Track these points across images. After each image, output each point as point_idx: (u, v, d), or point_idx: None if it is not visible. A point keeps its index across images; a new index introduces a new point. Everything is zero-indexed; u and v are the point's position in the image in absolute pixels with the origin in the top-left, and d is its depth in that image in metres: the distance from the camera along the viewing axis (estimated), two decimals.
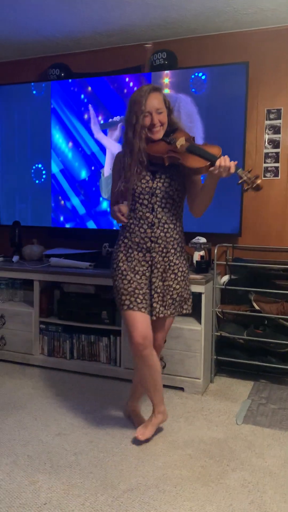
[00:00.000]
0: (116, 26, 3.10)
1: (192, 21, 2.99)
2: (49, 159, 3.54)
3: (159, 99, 2.01)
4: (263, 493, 1.76)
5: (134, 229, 2.07)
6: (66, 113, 3.45)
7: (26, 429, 2.26)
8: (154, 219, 2.04)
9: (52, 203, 3.56)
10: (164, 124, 2.03)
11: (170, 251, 2.07)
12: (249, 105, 3.06)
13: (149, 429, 2.14)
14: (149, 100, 1.97)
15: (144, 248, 2.06)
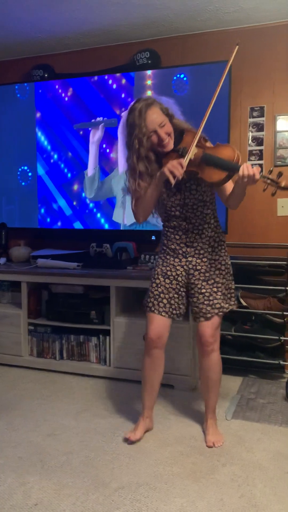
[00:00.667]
0: (99, 26, 3.10)
1: (174, 20, 3.01)
2: (35, 161, 3.52)
3: (157, 112, 1.94)
4: (253, 487, 1.78)
5: (170, 237, 2.12)
6: (50, 114, 3.44)
7: (17, 430, 2.25)
8: (188, 226, 2.07)
9: (38, 205, 3.54)
10: (171, 133, 1.98)
11: (207, 250, 2.08)
12: (232, 103, 3.08)
13: (138, 432, 2.16)
14: (148, 118, 1.91)
15: (180, 253, 2.10)
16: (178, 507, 1.67)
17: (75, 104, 3.37)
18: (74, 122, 3.39)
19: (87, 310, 2.99)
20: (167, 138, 1.96)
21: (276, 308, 2.80)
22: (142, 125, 1.91)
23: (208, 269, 2.08)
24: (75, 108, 3.37)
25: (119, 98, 3.25)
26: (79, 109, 3.36)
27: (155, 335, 2.11)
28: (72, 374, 2.98)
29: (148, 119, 1.91)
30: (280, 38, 3.00)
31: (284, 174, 1.81)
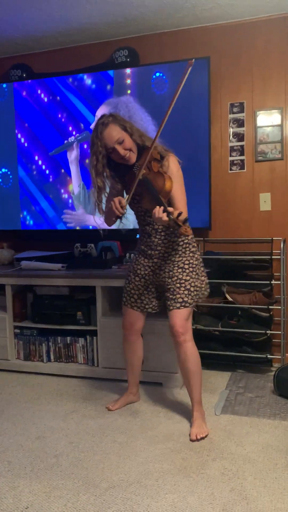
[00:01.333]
0: (77, 25, 3.08)
1: (152, 17, 3.00)
2: (16, 163, 3.49)
3: (115, 129, 2.06)
4: (243, 480, 1.79)
5: (141, 237, 2.30)
6: (30, 115, 3.41)
7: (5, 435, 2.23)
8: (151, 231, 2.20)
9: (20, 207, 3.51)
10: (132, 147, 2.09)
11: (171, 253, 2.20)
12: (212, 100, 3.10)
13: (118, 403, 2.47)
14: (106, 136, 2.04)
15: (148, 254, 2.25)
16: (170, 503, 1.67)
17: (55, 104, 3.34)
18: (54, 123, 3.36)
19: (73, 311, 2.97)
20: (127, 153, 2.08)
21: (261, 302, 2.82)
22: (99, 143, 2.06)
23: (172, 269, 2.20)
24: (54, 108, 3.35)
25: (99, 97, 3.23)
26: (58, 110, 3.34)
27: (128, 324, 2.39)
28: (60, 376, 2.96)
29: (106, 137, 2.05)
30: (257, 34, 3.02)
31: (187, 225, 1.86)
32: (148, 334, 2.73)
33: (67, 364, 2.99)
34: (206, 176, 3.07)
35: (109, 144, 2.06)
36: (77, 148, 3.32)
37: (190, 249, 2.22)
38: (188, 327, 2.21)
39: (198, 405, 2.24)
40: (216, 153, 3.15)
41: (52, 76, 3.35)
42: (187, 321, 2.20)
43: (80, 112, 3.30)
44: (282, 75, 3.00)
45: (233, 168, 3.14)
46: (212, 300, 2.97)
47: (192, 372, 2.21)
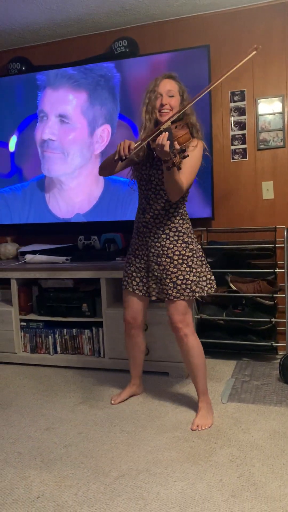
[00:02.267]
0: (75, 16, 3.06)
1: (150, 6, 2.98)
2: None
3: (173, 84, 2.10)
4: (251, 466, 1.81)
5: (136, 215, 2.25)
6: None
7: (14, 426, 2.26)
8: (146, 205, 2.16)
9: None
10: (174, 108, 2.08)
11: (161, 236, 2.14)
12: (213, 88, 3.06)
13: (121, 396, 2.46)
14: (162, 83, 2.09)
15: (141, 232, 2.20)
16: (179, 490, 1.69)
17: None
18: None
19: (78, 303, 2.99)
20: (167, 107, 2.07)
21: (266, 290, 2.83)
22: (154, 85, 2.10)
23: (160, 255, 2.14)
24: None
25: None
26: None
27: (131, 317, 2.33)
28: (66, 368, 2.99)
29: (162, 83, 2.10)
30: (257, 21, 2.99)
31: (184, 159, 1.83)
32: (154, 324, 2.75)
33: (73, 355, 3.01)
34: (208, 165, 3.05)
35: (160, 90, 2.08)
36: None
37: (183, 239, 2.15)
38: (187, 321, 2.17)
39: (203, 396, 2.24)
40: (217, 142, 3.13)
41: (52, 69, 3.32)
42: (185, 315, 2.16)
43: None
44: (283, 62, 2.98)
45: (235, 157, 3.13)
46: (217, 289, 2.97)
47: (195, 365, 2.20)
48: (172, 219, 2.14)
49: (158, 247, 2.15)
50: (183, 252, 2.14)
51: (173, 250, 2.13)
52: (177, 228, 2.14)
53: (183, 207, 2.18)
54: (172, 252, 2.13)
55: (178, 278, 2.12)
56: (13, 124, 3.44)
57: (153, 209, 2.14)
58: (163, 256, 2.14)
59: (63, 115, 3.29)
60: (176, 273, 2.12)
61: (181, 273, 2.13)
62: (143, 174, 2.16)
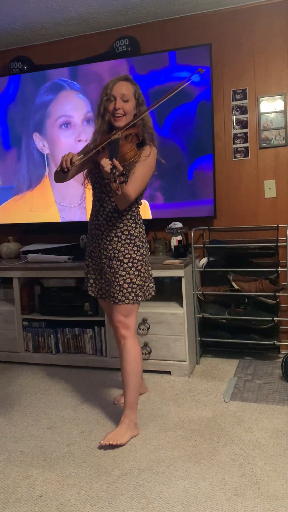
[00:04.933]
0: (76, 15, 3.06)
1: (151, 5, 2.97)
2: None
3: (128, 88, 2.04)
4: (254, 465, 1.81)
5: (90, 217, 2.21)
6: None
7: (17, 425, 2.26)
8: (99, 207, 2.12)
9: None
10: (128, 113, 2.04)
11: (113, 239, 2.09)
12: (215, 87, 3.07)
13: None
14: (117, 85, 2.03)
15: (94, 235, 2.17)
16: (181, 489, 1.69)
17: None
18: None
19: (80, 302, 2.99)
20: (121, 112, 2.02)
21: (268, 289, 2.82)
22: (108, 87, 2.04)
23: (112, 257, 2.09)
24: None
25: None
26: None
27: (109, 320, 2.32)
28: (69, 367, 2.99)
29: (117, 85, 2.03)
30: (259, 19, 2.99)
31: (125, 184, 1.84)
32: (156, 323, 2.75)
33: (76, 355, 3.02)
34: (210, 164, 3.05)
35: (114, 93, 2.02)
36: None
37: (135, 242, 2.09)
38: (128, 324, 2.08)
39: (128, 410, 2.07)
40: (219, 141, 3.13)
41: (53, 68, 3.33)
42: (127, 317, 2.08)
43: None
44: (285, 60, 2.97)
45: (237, 155, 3.12)
46: (219, 288, 2.97)
47: (128, 372, 2.07)
48: (125, 221, 2.09)
49: (110, 250, 2.09)
50: (133, 255, 2.09)
51: (124, 253, 2.08)
52: (129, 231, 2.09)
53: (136, 210, 2.13)
54: (123, 255, 2.08)
55: (125, 281, 2.07)
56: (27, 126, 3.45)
57: (106, 211, 2.10)
58: (114, 259, 2.09)
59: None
60: (124, 276, 2.07)
61: (129, 276, 2.07)
62: (96, 176, 2.11)
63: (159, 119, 3.08)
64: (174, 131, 3.09)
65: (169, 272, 2.73)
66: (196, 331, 2.92)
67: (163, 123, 3.08)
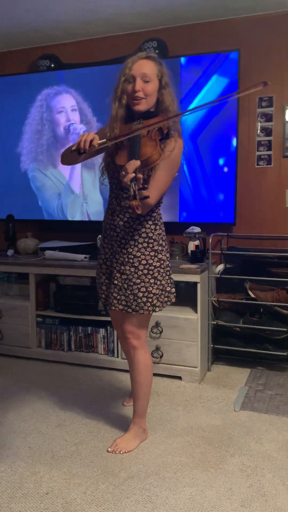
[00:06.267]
0: (106, 15, 3.07)
1: (181, 8, 2.97)
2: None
3: (150, 67, 1.79)
4: (262, 477, 1.79)
5: (105, 216, 2.03)
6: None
7: (26, 421, 2.27)
8: (116, 207, 1.93)
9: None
10: (149, 96, 1.80)
11: (129, 242, 1.90)
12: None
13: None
14: (137, 64, 1.78)
15: (108, 235, 1.99)
16: (187, 496, 1.68)
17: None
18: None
19: (94, 301, 3.00)
20: (141, 95, 1.78)
21: (284, 300, 2.79)
22: (127, 66, 1.80)
23: (125, 262, 1.91)
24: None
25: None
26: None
27: (114, 326, 2.26)
28: (80, 366, 3.00)
29: (137, 64, 1.79)
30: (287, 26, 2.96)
31: (143, 203, 1.64)
32: (169, 327, 2.74)
33: (87, 354, 3.02)
34: (233, 170, 3.04)
35: (134, 72, 1.78)
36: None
37: (152, 247, 1.91)
38: (139, 334, 1.96)
39: (138, 418, 2.04)
40: (243, 148, 3.11)
41: (80, 67, 3.35)
42: (138, 328, 1.96)
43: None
44: None
45: (260, 163, 3.10)
46: (234, 296, 2.95)
47: (138, 382, 2.00)
48: (144, 223, 1.90)
49: (124, 254, 1.91)
50: (150, 262, 1.90)
51: (139, 259, 1.89)
52: (147, 234, 1.90)
53: (157, 211, 1.94)
54: (138, 261, 1.89)
55: (140, 290, 1.89)
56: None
57: (123, 211, 1.90)
58: (128, 265, 1.90)
59: None
60: (138, 284, 1.89)
61: (144, 284, 1.89)
62: (114, 171, 1.90)
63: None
64: (197, 135, 3.08)
65: (185, 276, 2.72)
66: (209, 338, 2.90)
67: (187, 126, 3.07)
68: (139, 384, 2.01)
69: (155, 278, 1.92)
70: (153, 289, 1.92)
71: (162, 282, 1.96)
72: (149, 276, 1.91)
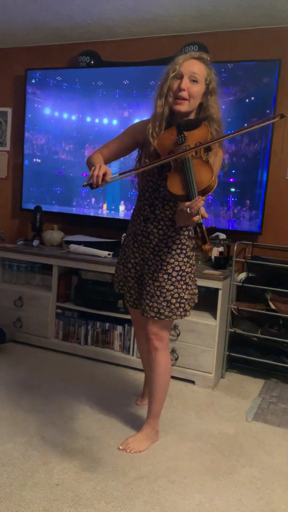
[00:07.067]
0: (150, 16, 3.07)
1: (226, 14, 2.96)
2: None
3: (201, 68, 1.73)
4: (272, 491, 1.79)
5: (134, 218, 2.00)
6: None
7: (40, 411, 2.31)
8: (150, 214, 1.91)
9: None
10: (194, 98, 1.74)
11: (162, 249, 1.90)
12: (278, 103, 3.03)
13: (146, 399, 2.28)
14: (188, 62, 1.72)
15: (139, 241, 1.97)
16: (196, 502, 1.69)
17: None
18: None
19: (114, 298, 3.02)
20: (185, 95, 1.72)
21: None
22: (177, 63, 1.74)
23: (158, 269, 1.91)
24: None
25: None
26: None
27: (134, 323, 2.32)
28: (94, 360, 3.03)
29: (188, 63, 1.72)
30: None
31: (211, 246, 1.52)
32: (186, 331, 2.75)
33: (103, 349, 3.05)
34: (264, 179, 3.02)
35: (182, 69, 1.72)
36: None
37: (186, 253, 1.92)
38: (163, 336, 1.97)
39: (152, 419, 2.06)
40: (275, 157, 3.09)
41: (120, 66, 3.37)
42: (163, 330, 1.96)
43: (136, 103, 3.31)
44: None
45: None
46: (255, 305, 2.94)
47: (156, 384, 2.01)
48: (178, 230, 1.90)
49: (157, 261, 1.91)
50: (183, 268, 1.92)
51: (173, 265, 1.90)
52: (181, 240, 1.91)
53: None
54: (172, 267, 1.90)
55: (173, 296, 1.91)
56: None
57: (158, 219, 1.89)
58: (161, 272, 1.90)
59: None
60: (172, 291, 1.90)
61: (177, 291, 1.91)
62: (149, 181, 1.88)
63: None
64: (230, 143, 3.07)
65: (207, 282, 2.72)
66: (226, 345, 2.90)
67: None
68: (157, 385, 2.02)
69: (186, 284, 1.95)
70: (185, 294, 1.94)
71: (192, 286, 2.00)
72: (182, 282, 1.93)
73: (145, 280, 1.97)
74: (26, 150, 3.71)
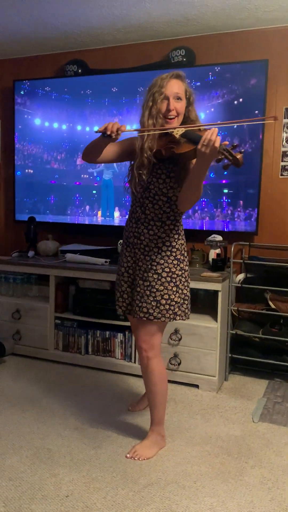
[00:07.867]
0: (136, 22, 3.09)
1: (212, 18, 2.98)
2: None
3: (180, 86, 1.90)
4: (283, 491, 1.77)
5: (128, 224, 2.06)
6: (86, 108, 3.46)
7: (44, 422, 2.28)
8: (141, 215, 1.97)
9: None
10: (180, 114, 1.91)
11: (153, 249, 1.95)
12: (268, 103, 3.05)
13: (140, 404, 2.46)
14: (170, 84, 1.88)
15: (130, 243, 2.02)
16: (208, 506, 1.67)
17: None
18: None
19: (113, 306, 2.97)
20: (174, 113, 1.88)
21: None
22: (161, 85, 1.87)
23: (148, 269, 1.94)
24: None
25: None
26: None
27: (133, 331, 2.20)
28: (96, 370, 3.00)
29: (170, 84, 1.88)
30: None
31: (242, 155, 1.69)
32: (188, 335, 2.74)
33: (104, 358, 3.02)
34: (257, 180, 3.03)
35: (167, 92, 1.87)
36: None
37: (176, 255, 1.96)
38: (153, 344, 1.97)
39: (156, 426, 2.05)
40: (267, 157, 3.10)
41: (108, 73, 3.38)
42: (153, 336, 1.96)
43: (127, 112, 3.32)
44: None
45: (284, 173, 3.09)
46: (255, 306, 2.94)
47: (154, 392, 2.00)
48: (168, 232, 1.95)
49: (147, 261, 1.95)
50: (173, 270, 1.94)
51: (162, 266, 1.93)
52: (170, 242, 1.95)
53: (180, 220, 2.00)
54: (162, 268, 1.93)
55: (163, 297, 1.92)
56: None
57: (148, 219, 1.95)
58: (151, 271, 1.93)
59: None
60: (161, 291, 1.92)
61: (167, 292, 1.93)
62: (139, 180, 1.94)
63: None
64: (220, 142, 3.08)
65: (206, 284, 2.72)
66: (228, 347, 2.89)
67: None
68: (154, 393, 2.01)
69: (177, 287, 1.96)
70: (175, 297, 1.95)
71: (183, 291, 1.99)
72: (172, 284, 1.94)
73: (136, 281, 2.00)
74: (18, 161, 3.70)
